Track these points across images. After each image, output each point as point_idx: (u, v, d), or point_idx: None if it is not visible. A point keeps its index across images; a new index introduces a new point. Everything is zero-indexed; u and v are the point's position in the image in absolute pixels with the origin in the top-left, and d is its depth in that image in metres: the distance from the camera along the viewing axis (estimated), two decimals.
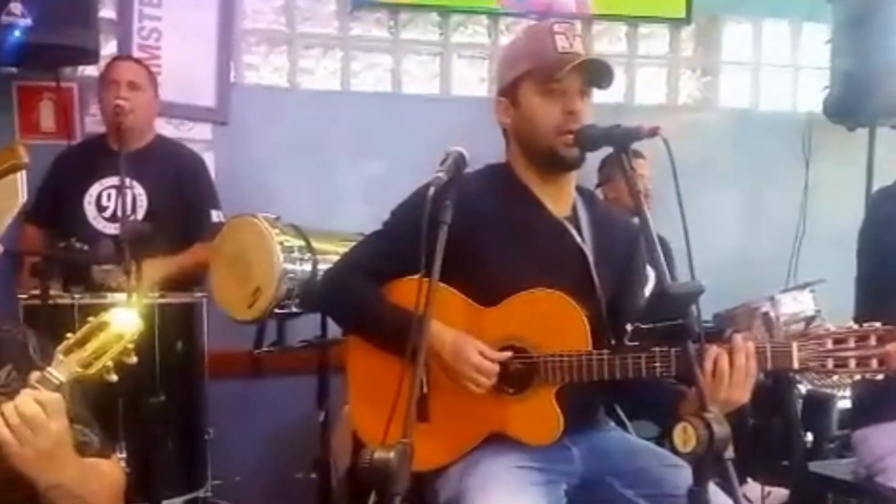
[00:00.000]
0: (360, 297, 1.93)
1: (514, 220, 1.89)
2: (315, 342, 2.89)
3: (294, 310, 2.75)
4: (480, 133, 1.95)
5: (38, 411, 1.33)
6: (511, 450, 1.80)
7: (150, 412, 2.64)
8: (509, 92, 1.90)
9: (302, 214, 2.89)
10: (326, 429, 2.86)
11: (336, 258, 2.56)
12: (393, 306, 1.87)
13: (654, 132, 1.64)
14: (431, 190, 1.56)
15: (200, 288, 2.95)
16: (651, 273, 3.16)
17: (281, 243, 2.62)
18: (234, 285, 2.67)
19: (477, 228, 1.81)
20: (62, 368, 1.39)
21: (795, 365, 1.71)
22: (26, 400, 1.33)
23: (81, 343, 1.40)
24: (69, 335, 1.41)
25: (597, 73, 1.84)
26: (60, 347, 1.40)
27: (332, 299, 2.04)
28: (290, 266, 2.63)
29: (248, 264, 2.65)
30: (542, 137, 1.86)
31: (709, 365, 1.65)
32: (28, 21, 2.80)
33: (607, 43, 4.07)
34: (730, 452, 1.45)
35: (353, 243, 2.47)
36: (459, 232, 1.59)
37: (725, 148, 4.04)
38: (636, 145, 1.71)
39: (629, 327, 1.66)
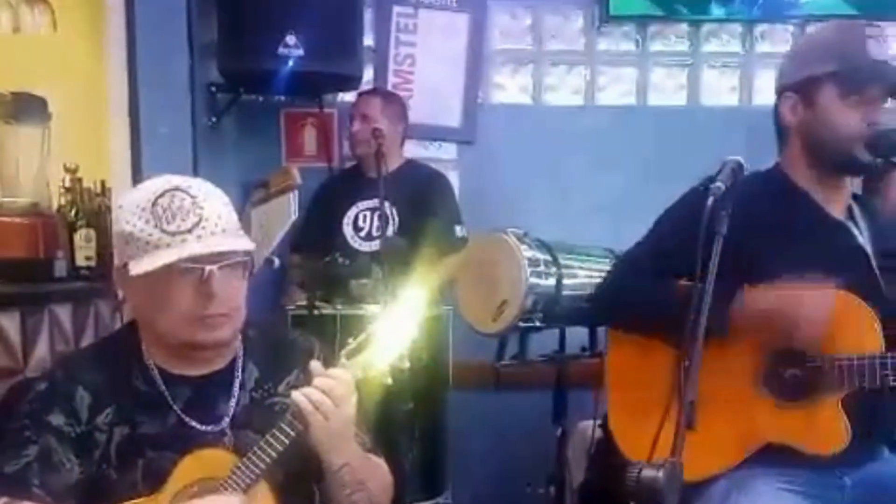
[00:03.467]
0: (651, 288, 1.86)
1: (791, 223, 1.80)
2: (554, 357, 2.89)
3: (537, 324, 2.77)
4: (729, 144, 1.87)
5: (336, 385, 1.44)
6: (779, 471, 1.70)
7: (400, 420, 2.75)
8: (804, 88, 1.81)
9: (545, 229, 2.90)
10: (562, 443, 2.85)
11: (581, 273, 2.57)
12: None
13: None
14: (710, 200, 1.51)
15: (446, 301, 3.06)
16: None
17: (528, 258, 2.65)
18: (481, 298, 2.73)
19: (752, 234, 1.72)
20: (345, 371, 1.49)
21: None
22: (324, 379, 1.45)
23: (362, 348, 1.50)
24: (350, 340, 1.51)
25: None
26: (344, 351, 1.50)
27: (618, 304, 1.97)
28: (536, 280, 2.65)
29: (495, 278, 2.70)
30: (840, 143, 1.77)
31: None
32: (300, 52, 3.00)
33: None
34: None
35: (600, 258, 2.46)
36: (733, 238, 1.52)
37: None
38: None
39: None
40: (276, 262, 2.90)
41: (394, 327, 1.50)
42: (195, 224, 1.44)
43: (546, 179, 3.62)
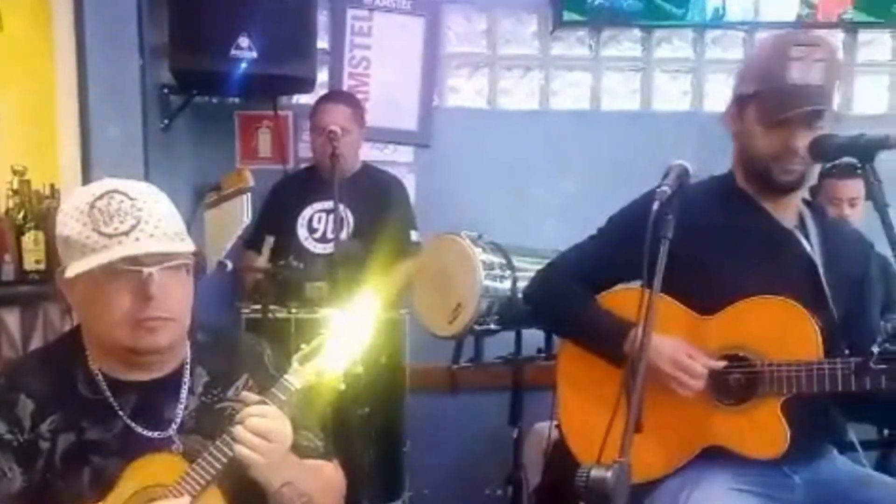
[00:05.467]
0: (572, 301, 1.93)
1: (737, 229, 1.82)
2: (510, 359, 2.91)
3: (492, 327, 2.78)
4: (681, 149, 1.89)
5: (270, 424, 1.43)
6: (729, 470, 1.72)
7: (356, 423, 2.75)
8: (738, 103, 1.84)
9: (500, 233, 2.93)
10: (519, 445, 2.87)
11: None
12: (605, 312, 1.86)
13: None
14: (656, 204, 1.54)
15: (402, 304, 3.05)
16: None
17: (483, 261, 2.66)
18: (437, 302, 2.74)
19: (699, 239, 1.75)
20: (298, 377, 1.48)
21: None
22: (256, 420, 1.43)
23: (315, 353, 1.49)
24: (303, 345, 1.50)
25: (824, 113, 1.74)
26: (297, 356, 1.49)
27: (544, 303, 2.05)
28: (490, 283, 2.66)
29: (450, 281, 2.71)
30: (759, 162, 1.80)
31: None
32: (253, 54, 2.98)
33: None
34: None
35: None
36: (681, 243, 1.55)
37: None
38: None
39: (876, 349, 1.55)
40: (229, 265, 2.87)
41: (347, 332, 1.50)
42: (133, 226, 1.42)
43: (501, 183, 3.64)
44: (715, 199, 1.85)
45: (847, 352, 1.71)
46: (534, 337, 2.87)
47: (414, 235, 3.24)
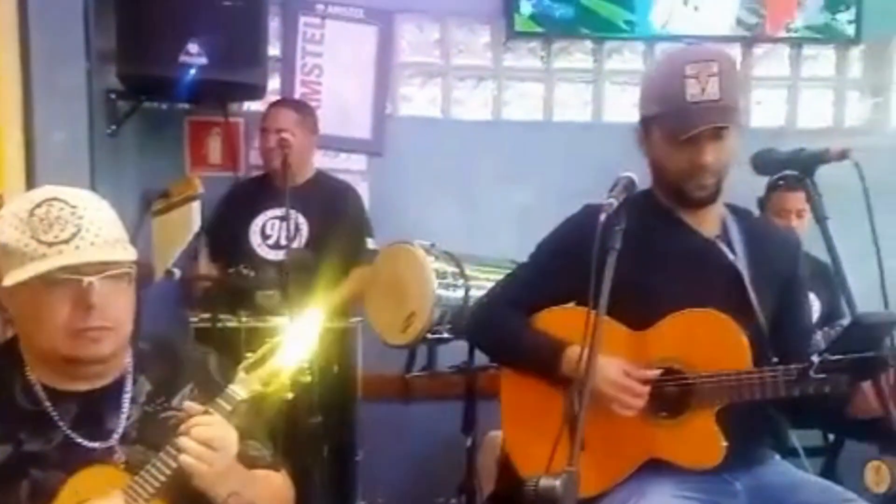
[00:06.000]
0: (507, 328, 1.94)
1: (660, 244, 1.84)
2: (463, 368, 2.91)
3: (445, 335, 2.79)
4: (632, 160, 1.92)
5: (215, 433, 1.41)
6: (672, 480, 1.74)
7: (306, 432, 2.72)
8: (643, 125, 1.86)
9: (453, 242, 2.93)
10: (472, 454, 2.88)
11: (488, 284, 2.59)
12: (540, 334, 1.87)
13: (843, 155, 1.57)
14: (603, 215, 1.55)
15: (356, 313, 3.04)
16: (816, 302, 3.01)
17: (436, 270, 2.66)
18: (389, 310, 2.74)
19: (622, 256, 1.77)
20: (244, 386, 1.46)
21: None
22: (202, 429, 1.41)
23: (261, 362, 1.47)
24: (248, 354, 1.48)
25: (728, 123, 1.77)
26: (242, 366, 1.47)
27: (480, 332, 2.07)
28: (443, 292, 2.67)
29: (403, 290, 2.71)
30: (672, 181, 1.82)
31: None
32: (203, 60, 2.96)
33: (769, 66, 3.93)
34: None
35: (505, 270, 2.49)
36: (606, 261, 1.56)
37: None
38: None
39: (815, 359, 1.58)
40: (177, 273, 2.83)
41: (294, 341, 1.48)
42: (73, 234, 1.40)
43: (455, 192, 3.66)
44: (636, 215, 1.86)
45: (776, 359, 1.74)
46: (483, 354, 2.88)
47: (370, 243, 3.23)
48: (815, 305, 2.98)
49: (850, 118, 4.01)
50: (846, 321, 1.72)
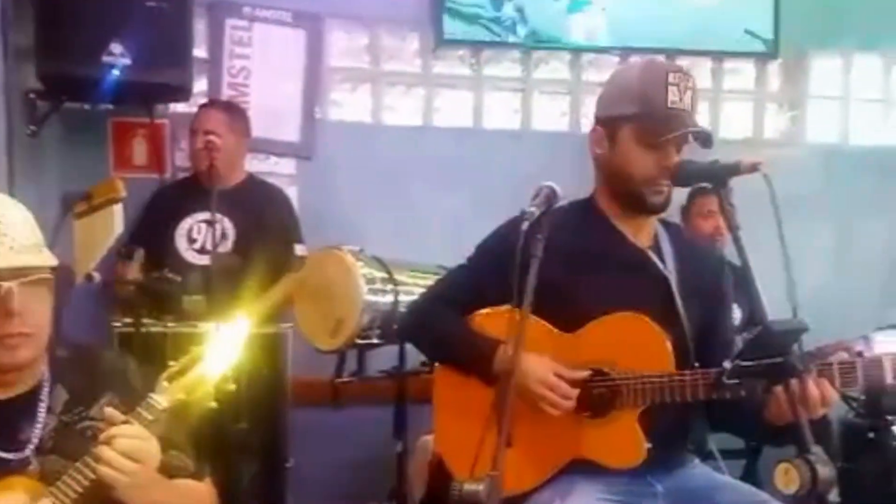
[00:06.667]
0: (443, 325, 1.96)
1: (594, 251, 1.88)
2: (393, 373, 2.92)
3: (375, 340, 2.79)
4: (560, 168, 1.95)
5: (136, 443, 1.38)
6: (596, 480, 1.78)
7: (234, 440, 2.69)
8: (608, 125, 1.89)
9: (383, 247, 2.94)
10: (403, 459, 2.88)
11: (417, 290, 2.61)
12: (474, 333, 1.90)
13: (754, 167, 1.63)
14: (525, 224, 1.58)
15: (285, 318, 3.01)
16: (737, 311, 3.11)
17: (364, 275, 2.66)
18: (318, 316, 2.73)
19: (558, 260, 1.79)
20: (166, 395, 1.43)
21: (889, 378, 1.65)
22: (121, 440, 1.38)
23: (184, 371, 1.45)
24: (172, 363, 1.45)
25: (699, 137, 1.83)
26: (165, 374, 1.44)
27: (416, 330, 2.08)
28: (372, 298, 2.67)
29: (331, 295, 2.70)
30: (633, 183, 1.86)
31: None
32: (127, 60, 2.90)
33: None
34: (834, 495, 1.41)
35: (435, 275, 2.51)
36: (542, 265, 1.59)
37: (814, 183, 3.93)
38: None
39: (727, 364, 1.64)
40: (97, 277, 2.76)
41: (218, 349, 1.46)
42: None
43: (385, 197, 3.66)
44: (574, 222, 1.90)
45: (697, 364, 1.79)
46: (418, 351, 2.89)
47: (299, 249, 3.19)
48: (737, 313, 3.07)
49: (768, 130, 4.15)
50: None
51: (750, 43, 3.99)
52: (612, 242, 1.91)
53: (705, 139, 1.81)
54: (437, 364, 2.04)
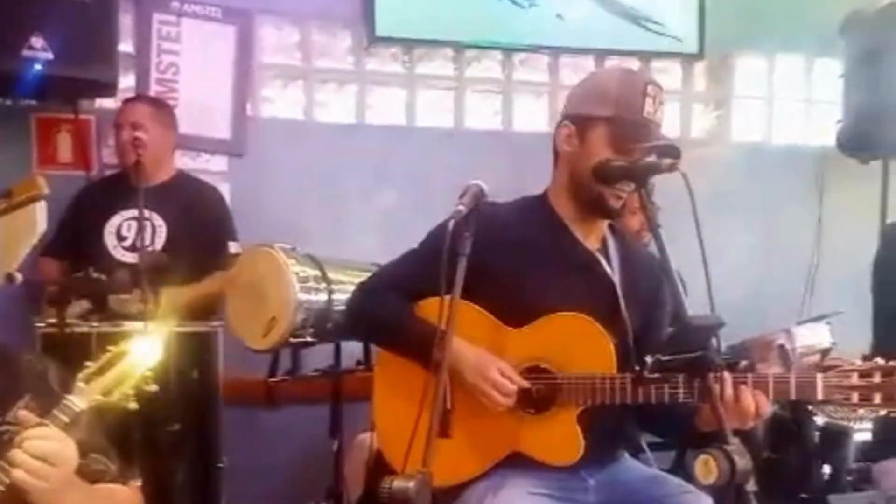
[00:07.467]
0: (390, 308, 1.96)
1: (545, 248, 1.91)
2: (328, 371, 2.90)
3: (309, 339, 2.76)
4: (493, 166, 1.97)
5: (52, 447, 1.35)
6: (529, 475, 1.81)
7: (164, 441, 2.65)
8: (580, 123, 1.90)
9: (316, 245, 2.92)
10: (339, 457, 2.87)
11: (351, 288, 2.60)
12: (421, 320, 1.90)
13: (673, 167, 1.67)
14: (451, 223, 1.60)
15: (216, 317, 2.97)
16: None
17: (297, 273, 2.64)
18: (250, 315, 2.69)
19: (507, 255, 1.84)
20: (83, 396, 1.40)
21: (819, 396, 1.70)
22: (36, 442, 1.35)
23: (102, 371, 1.42)
24: (89, 363, 1.42)
25: (664, 150, 1.86)
26: (81, 375, 1.41)
27: (361, 313, 2.07)
28: (305, 296, 2.65)
29: (263, 294, 2.67)
30: (598, 186, 1.88)
31: (729, 391, 1.67)
32: (48, 55, 2.85)
33: None
34: (752, 485, 1.45)
35: (368, 272, 2.50)
36: (490, 258, 1.60)
37: (738, 181, 4.05)
38: None
39: (649, 359, 1.68)
40: (19, 277, 2.67)
41: (138, 348, 1.43)
42: None
43: (318, 195, 3.64)
44: (525, 218, 1.94)
45: (638, 367, 1.82)
46: (353, 349, 2.88)
47: (233, 247, 3.15)
48: None
49: (695, 129, 4.25)
50: None
51: (676, 44, 4.08)
52: (563, 242, 1.94)
53: (674, 155, 1.84)
54: (379, 349, 2.04)
